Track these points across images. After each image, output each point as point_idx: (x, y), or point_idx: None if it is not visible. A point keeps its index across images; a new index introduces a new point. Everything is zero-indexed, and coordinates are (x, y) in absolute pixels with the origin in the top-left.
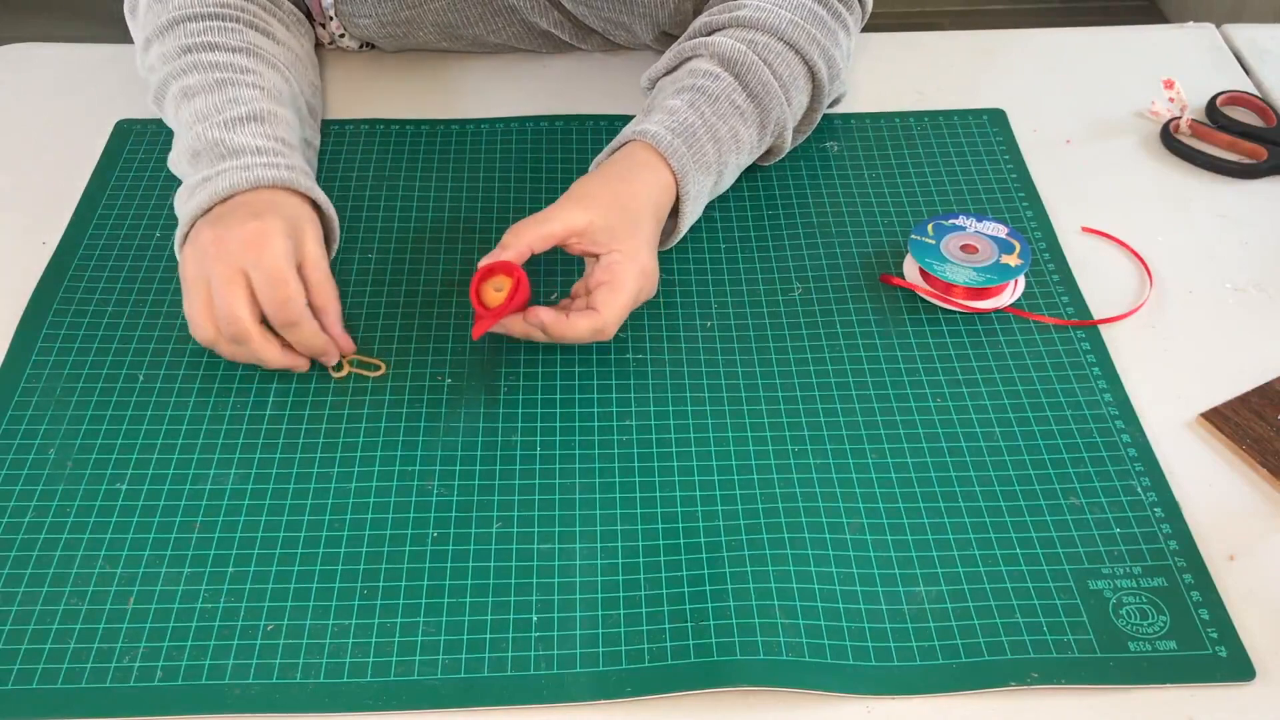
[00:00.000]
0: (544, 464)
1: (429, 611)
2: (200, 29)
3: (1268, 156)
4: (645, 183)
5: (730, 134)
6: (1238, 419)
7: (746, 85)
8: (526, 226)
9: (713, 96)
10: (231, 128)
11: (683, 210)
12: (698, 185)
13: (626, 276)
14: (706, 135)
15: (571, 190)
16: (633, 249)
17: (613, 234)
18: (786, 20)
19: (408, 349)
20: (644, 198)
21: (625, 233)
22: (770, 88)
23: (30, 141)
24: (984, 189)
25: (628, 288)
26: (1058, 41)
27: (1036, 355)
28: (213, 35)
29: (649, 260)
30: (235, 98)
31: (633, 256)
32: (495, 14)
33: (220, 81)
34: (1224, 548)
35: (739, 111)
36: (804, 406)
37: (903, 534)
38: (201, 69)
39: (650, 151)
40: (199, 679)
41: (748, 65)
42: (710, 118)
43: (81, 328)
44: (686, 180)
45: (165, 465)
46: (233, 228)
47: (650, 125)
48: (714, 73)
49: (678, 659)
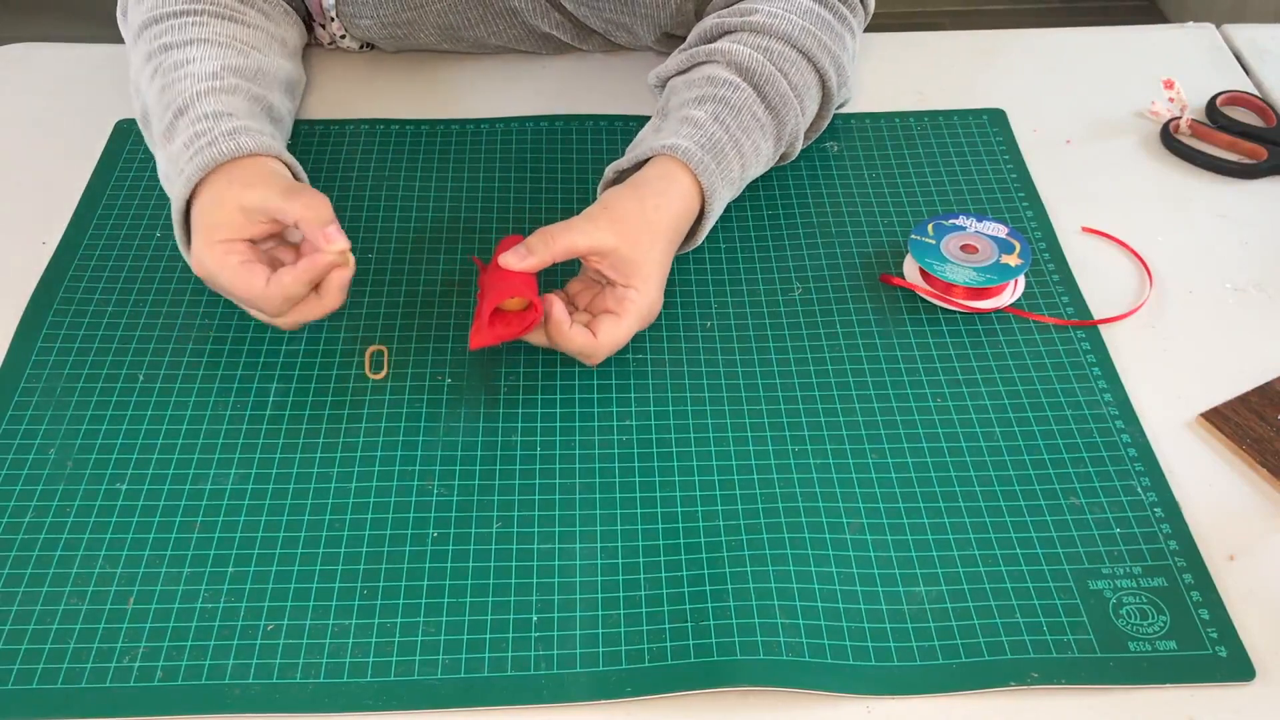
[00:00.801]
0: (544, 464)
1: (429, 611)
2: (159, 31)
3: (1268, 156)
4: (674, 209)
5: (752, 148)
6: (1238, 419)
7: (765, 97)
8: (556, 236)
9: (735, 109)
10: (168, 138)
11: (704, 224)
12: (722, 201)
13: (633, 314)
14: (733, 150)
15: (604, 204)
16: (647, 288)
17: (635, 267)
18: (799, 27)
19: (408, 349)
20: (670, 221)
21: (645, 271)
22: (787, 99)
23: (30, 141)
24: (984, 189)
25: (630, 326)
26: (1058, 41)
27: (1036, 355)
28: (167, 36)
29: (657, 296)
30: (169, 101)
31: (645, 294)
32: (496, 16)
33: (162, 88)
34: (1224, 548)
35: (759, 124)
36: (804, 406)
37: (903, 534)
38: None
39: (681, 169)
40: (199, 679)
41: (766, 76)
42: (735, 131)
43: (81, 328)
44: (714, 198)
45: (165, 465)
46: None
47: (679, 140)
48: (733, 82)
49: (678, 659)
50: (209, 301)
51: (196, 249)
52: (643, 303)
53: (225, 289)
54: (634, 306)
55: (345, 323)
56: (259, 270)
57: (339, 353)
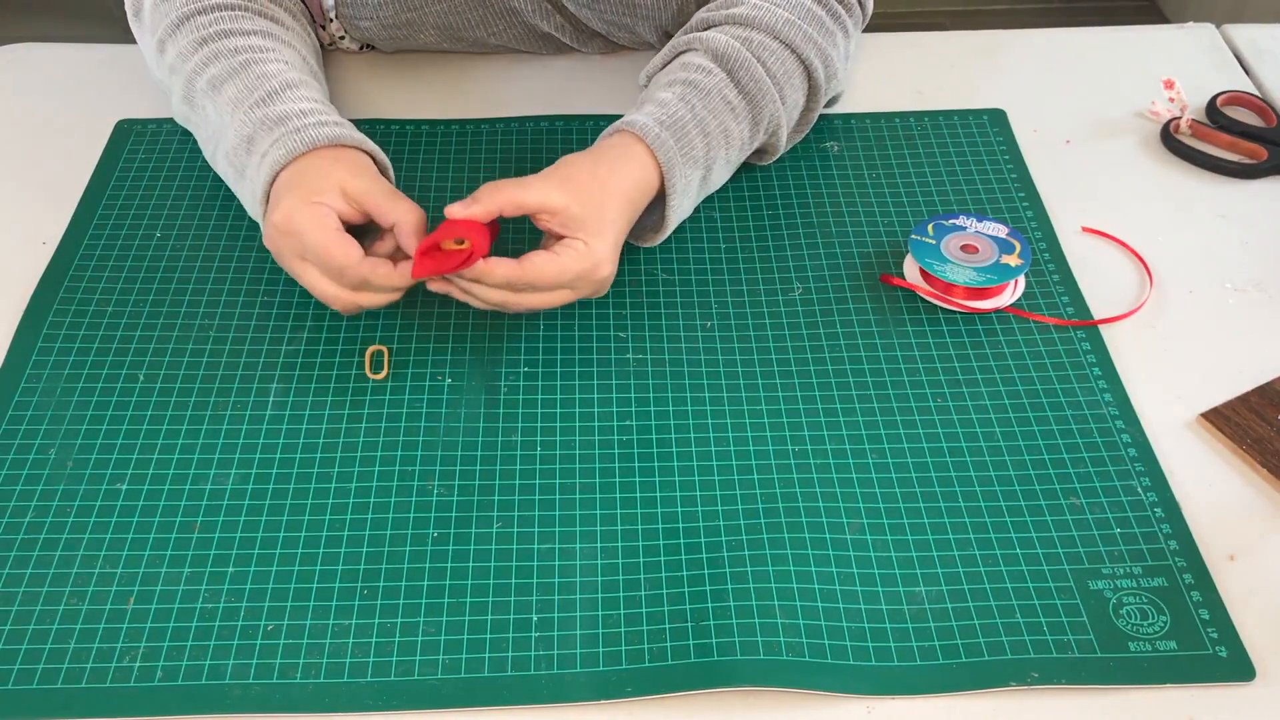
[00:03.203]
0: (544, 464)
1: (429, 611)
2: (211, 19)
3: (1268, 156)
4: (629, 174)
5: (720, 129)
6: (1238, 419)
7: (738, 81)
8: (502, 188)
9: (704, 91)
10: (269, 101)
11: (670, 204)
12: (685, 179)
13: (571, 263)
14: (696, 129)
15: (557, 166)
16: (594, 247)
17: (582, 225)
18: (783, 19)
19: (408, 349)
20: (624, 190)
21: (594, 230)
22: (763, 84)
23: (30, 141)
24: (984, 189)
25: (567, 269)
26: (1058, 41)
27: (1036, 355)
28: (225, 24)
29: (605, 260)
30: (264, 74)
31: (590, 253)
32: (497, 17)
33: (245, 63)
34: (1224, 548)
35: (730, 107)
36: (804, 406)
37: (903, 534)
38: (224, 56)
39: (637, 143)
40: (199, 679)
41: (740, 61)
42: (700, 111)
43: (81, 328)
44: (673, 173)
45: (165, 465)
46: (271, 217)
47: (639, 117)
48: (705, 67)
49: (678, 659)
50: (209, 302)
51: (290, 205)
52: (585, 259)
53: (313, 249)
54: (573, 257)
55: (345, 322)
56: (353, 242)
57: (339, 353)
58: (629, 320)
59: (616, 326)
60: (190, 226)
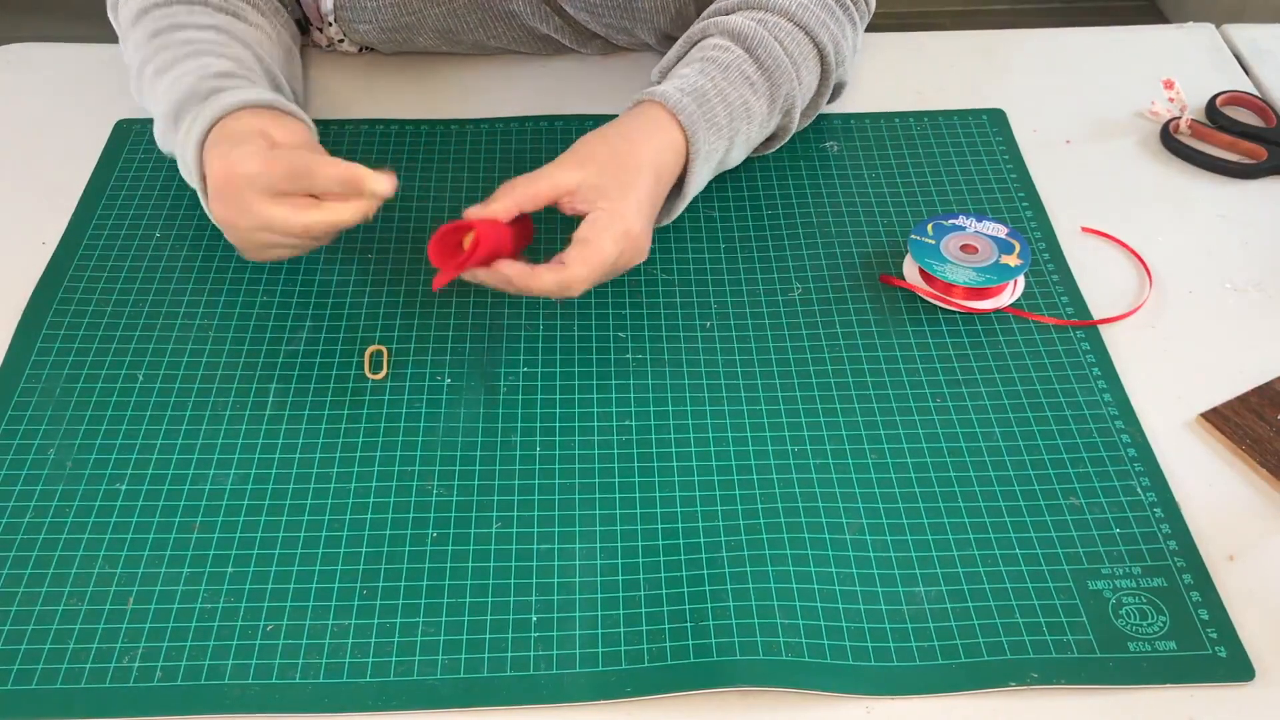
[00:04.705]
0: (544, 464)
1: (429, 611)
2: (166, 13)
3: (1268, 156)
4: (651, 141)
5: (741, 101)
6: (1237, 419)
7: (757, 58)
8: (516, 184)
9: (723, 66)
10: (205, 81)
11: (691, 171)
12: (709, 145)
13: (605, 237)
14: (718, 99)
15: (573, 147)
16: (619, 209)
17: (602, 192)
18: (797, 3)
19: (407, 349)
20: (646, 157)
21: (615, 192)
22: (780, 62)
23: (30, 141)
24: (984, 189)
25: (604, 249)
26: (1058, 41)
27: (1036, 355)
28: (179, 17)
29: (636, 222)
30: (207, 64)
31: (617, 217)
32: (495, 19)
33: (192, 52)
34: (1224, 548)
35: (749, 81)
36: (804, 406)
37: (903, 534)
38: (172, 47)
39: (660, 110)
40: (199, 679)
41: (758, 40)
42: (721, 84)
43: (81, 328)
44: (697, 139)
45: (165, 465)
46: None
47: (660, 87)
48: (724, 45)
49: (678, 659)
50: (209, 302)
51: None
52: (614, 226)
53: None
54: (603, 228)
55: (345, 323)
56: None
57: (339, 353)
58: (629, 320)
59: (616, 326)
60: (190, 226)
